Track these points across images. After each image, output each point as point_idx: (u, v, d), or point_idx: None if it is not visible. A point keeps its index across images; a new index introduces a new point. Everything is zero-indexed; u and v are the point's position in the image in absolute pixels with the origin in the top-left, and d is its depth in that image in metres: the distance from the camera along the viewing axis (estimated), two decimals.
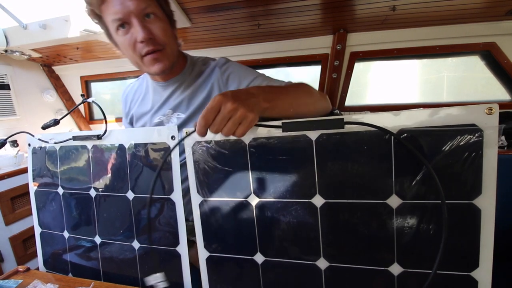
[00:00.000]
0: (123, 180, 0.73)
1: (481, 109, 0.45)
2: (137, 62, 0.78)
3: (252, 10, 1.44)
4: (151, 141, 0.69)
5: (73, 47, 1.97)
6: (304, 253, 0.58)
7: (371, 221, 0.52)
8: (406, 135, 0.49)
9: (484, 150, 0.46)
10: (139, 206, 0.72)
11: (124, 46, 0.76)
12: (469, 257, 0.48)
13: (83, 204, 0.79)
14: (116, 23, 0.71)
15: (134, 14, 0.70)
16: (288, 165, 0.57)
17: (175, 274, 0.69)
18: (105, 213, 0.77)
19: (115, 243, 0.76)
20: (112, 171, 0.75)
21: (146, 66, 0.77)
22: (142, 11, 0.70)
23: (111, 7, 0.70)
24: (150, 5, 0.72)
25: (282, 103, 0.60)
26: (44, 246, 0.88)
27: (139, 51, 0.74)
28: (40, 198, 0.87)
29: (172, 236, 0.69)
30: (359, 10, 1.48)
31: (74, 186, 0.80)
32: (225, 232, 0.63)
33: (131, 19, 0.70)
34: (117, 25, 0.72)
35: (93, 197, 0.77)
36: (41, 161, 0.85)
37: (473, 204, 0.47)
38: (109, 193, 0.75)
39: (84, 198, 0.78)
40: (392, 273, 0.52)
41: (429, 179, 0.48)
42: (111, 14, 0.71)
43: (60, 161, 0.81)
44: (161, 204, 0.69)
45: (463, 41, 1.68)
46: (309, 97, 0.70)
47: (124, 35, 0.73)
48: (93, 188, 0.77)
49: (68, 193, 0.81)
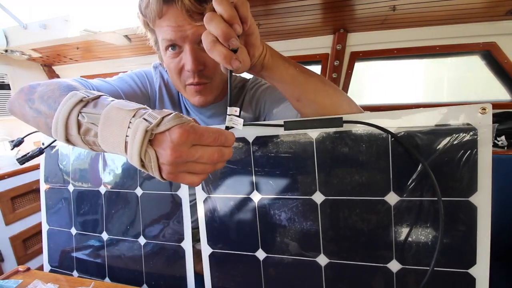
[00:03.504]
0: (132, 178, 0.75)
1: (475, 109, 0.47)
2: (178, 86, 0.73)
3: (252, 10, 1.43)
4: None
5: (73, 47, 1.98)
6: (305, 249, 0.59)
7: (370, 218, 0.53)
8: (403, 134, 0.50)
9: (479, 148, 0.47)
10: (147, 203, 0.74)
11: (169, 68, 0.70)
12: (466, 254, 0.49)
13: (93, 201, 0.81)
14: (168, 43, 0.65)
15: (189, 40, 0.63)
16: (290, 163, 0.58)
17: (179, 270, 0.71)
18: (114, 210, 0.78)
19: (122, 240, 0.78)
20: (122, 169, 0.77)
21: (188, 95, 0.73)
22: (198, 37, 0.62)
23: (166, 25, 0.63)
24: None
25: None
26: (50, 244, 0.89)
27: (184, 79, 0.69)
28: (51, 196, 0.88)
29: (177, 232, 0.71)
30: (359, 10, 1.48)
31: (84, 183, 0.82)
32: (228, 228, 0.65)
33: (184, 44, 0.64)
34: (168, 45, 0.66)
35: (103, 194, 0.79)
36: (53, 160, 0.87)
37: (469, 202, 0.48)
38: (118, 190, 0.77)
39: (94, 195, 0.81)
40: (391, 270, 0.53)
41: (425, 176, 0.49)
42: (163, 33, 0.64)
43: (71, 159, 0.84)
44: (169, 201, 0.71)
45: (463, 41, 1.68)
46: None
47: (172, 58, 0.67)
48: (103, 185, 0.79)
49: (78, 190, 0.83)
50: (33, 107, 0.50)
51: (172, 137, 0.35)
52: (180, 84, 0.71)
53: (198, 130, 0.37)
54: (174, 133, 0.35)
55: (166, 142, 0.36)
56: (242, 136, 0.62)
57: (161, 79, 0.84)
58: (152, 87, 0.83)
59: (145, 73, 0.84)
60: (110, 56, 2.26)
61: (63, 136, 0.42)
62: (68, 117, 0.41)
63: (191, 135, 0.36)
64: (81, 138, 0.41)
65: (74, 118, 0.41)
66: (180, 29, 0.62)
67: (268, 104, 0.77)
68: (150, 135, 0.36)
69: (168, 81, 0.84)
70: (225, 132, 0.40)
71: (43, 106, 0.47)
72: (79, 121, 0.41)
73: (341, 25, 1.69)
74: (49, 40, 1.78)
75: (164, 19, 0.63)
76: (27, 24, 1.75)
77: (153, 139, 0.37)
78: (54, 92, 0.48)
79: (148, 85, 0.83)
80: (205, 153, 0.37)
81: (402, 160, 0.51)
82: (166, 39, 0.64)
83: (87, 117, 0.40)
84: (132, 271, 0.76)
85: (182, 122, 0.37)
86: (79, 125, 0.41)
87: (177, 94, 0.86)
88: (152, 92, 0.83)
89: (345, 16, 1.56)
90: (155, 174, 0.38)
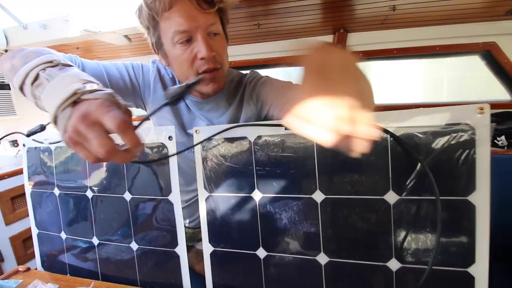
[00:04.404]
0: (120, 181, 0.73)
1: (473, 109, 0.47)
2: (188, 78, 0.71)
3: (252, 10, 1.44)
4: (149, 142, 0.69)
5: (73, 47, 1.98)
6: (305, 248, 0.59)
7: (369, 216, 0.54)
8: (402, 133, 0.51)
9: (477, 148, 0.47)
10: (136, 207, 0.72)
11: (179, 60, 0.70)
12: (465, 253, 0.49)
13: (80, 205, 0.79)
14: (179, 35, 0.65)
15: (201, 28, 0.65)
16: (290, 162, 0.59)
17: (174, 276, 0.69)
18: (102, 214, 0.76)
19: (112, 244, 0.76)
20: (109, 172, 0.74)
21: (201, 85, 0.72)
22: (209, 27, 0.66)
23: (176, 17, 0.64)
24: (216, 22, 0.69)
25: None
26: (41, 247, 0.87)
27: (197, 67, 0.69)
28: (36, 199, 0.86)
29: (170, 237, 0.69)
30: (359, 10, 1.48)
31: (70, 187, 0.80)
32: (229, 227, 0.65)
33: (197, 33, 0.65)
34: (179, 37, 0.66)
35: (90, 198, 0.77)
36: (36, 162, 0.84)
37: (467, 200, 0.48)
38: (106, 194, 0.75)
39: (81, 199, 0.78)
40: (391, 269, 0.53)
41: (424, 176, 0.50)
42: (174, 25, 0.65)
43: (55, 161, 0.81)
44: (159, 206, 0.70)
45: (463, 41, 1.68)
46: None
47: (183, 50, 0.67)
48: (90, 188, 0.77)
49: (64, 193, 0.81)
50: (13, 62, 0.54)
51: (86, 105, 0.37)
52: (192, 74, 0.70)
53: (107, 111, 0.36)
54: (90, 103, 0.37)
55: (81, 108, 0.38)
56: (243, 135, 0.62)
57: (157, 72, 0.84)
58: (145, 79, 0.84)
59: (142, 65, 0.86)
60: (110, 56, 2.26)
61: (19, 83, 0.48)
62: (32, 69, 0.47)
63: (97, 110, 0.36)
64: (31, 90, 0.46)
65: (36, 71, 0.46)
66: (193, 19, 0.63)
67: (269, 96, 0.77)
68: (77, 98, 0.39)
69: (164, 75, 0.84)
70: (130, 137, 0.37)
71: (20, 61, 0.52)
72: (38, 74, 0.46)
73: (341, 25, 1.69)
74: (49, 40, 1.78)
75: (173, 11, 0.64)
76: (27, 24, 1.75)
77: (77, 102, 0.39)
78: (37, 54, 0.52)
79: (141, 76, 0.83)
80: (97, 140, 0.36)
81: (401, 159, 0.51)
82: (178, 30, 0.65)
83: (46, 73, 0.45)
84: (126, 277, 0.75)
85: (108, 98, 0.38)
86: (37, 78, 0.46)
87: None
88: (144, 84, 0.83)
89: (345, 16, 1.57)
90: (60, 133, 0.40)
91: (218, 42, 0.70)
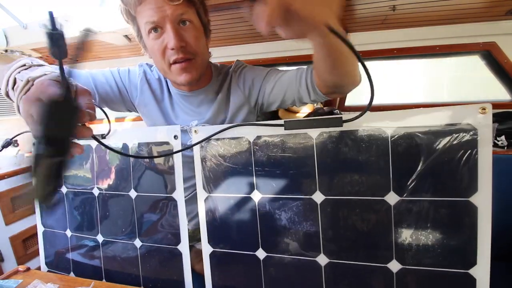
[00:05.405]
0: (126, 179, 0.74)
1: (475, 109, 0.47)
2: (164, 69, 0.76)
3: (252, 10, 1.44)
4: (154, 141, 0.70)
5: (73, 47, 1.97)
6: (305, 249, 0.59)
7: (369, 217, 0.54)
8: (403, 134, 0.50)
9: (479, 148, 0.47)
10: (141, 205, 0.73)
11: (153, 51, 0.74)
12: (467, 255, 0.49)
13: (86, 203, 0.80)
14: (149, 25, 0.69)
15: (169, 19, 0.67)
16: (290, 163, 0.58)
17: (176, 273, 0.70)
18: (108, 212, 0.77)
19: (117, 241, 0.77)
20: (116, 170, 0.76)
21: (173, 74, 0.75)
22: (178, 17, 0.68)
23: (146, 10, 0.68)
24: (187, 11, 0.70)
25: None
26: (46, 245, 0.89)
27: (168, 58, 0.72)
28: None
29: (173, 235, 0.70)
30: (359, 10, 1.48)
31: (77, 185, 0.81)
32: (229, 227, 0.65)
33: (165, 24, 0.68)
34: (150, 28, 0.70)
35: (96, 196, 0.78)
36: None
37: (469, 202, 0.48)
38: (112, 192, 0.76)
39: (87, 197, 0.79)
40: (391, 270, 0.53)
41: (425, 177, 0.49)
42: (145, 17, 0.69)
43: None
44: (163, 203, 0.70)
45: (463, 41, 1.68)
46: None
47: (155, 39, 0.71)
48: (97, 187, 0.78)
49: (72, 192, 0.82)
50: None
51: (32, 88, 0.43)
52: (165, 65, 0.74)
53: (46, 89, 0.42)
54: (35, 85, 0.43)
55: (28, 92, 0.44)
56: (242, 135, 0.62)
57: (143, 75, 0.89)
58: (132, 81, 0.88)
59: (129, 69, 0.92)
60: (110, 56, 2.25)
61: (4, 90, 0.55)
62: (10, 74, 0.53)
63: (38, 89, 0.42)
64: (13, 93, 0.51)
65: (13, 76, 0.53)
66: (160, 10, 0.67)
67: (257, 80, 0.82)
68: (30, 85, 0.44)
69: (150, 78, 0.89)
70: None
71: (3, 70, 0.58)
72: (15, 78, 0.52)
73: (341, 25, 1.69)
74: None
75: (144, 4, 0.68)
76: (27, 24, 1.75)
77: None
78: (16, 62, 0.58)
79: (128, 79, 0.89)
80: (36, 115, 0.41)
81: (402, 160, 0.51)
82: (148, 21, 0.69)
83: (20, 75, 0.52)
84: (129, 274, 0.75)
85: (51, 78, 0.44)
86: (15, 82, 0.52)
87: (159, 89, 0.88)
88: (131, 86, 0.88)
89: (345, 16, 1.56)
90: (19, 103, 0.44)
91: (190, 31, 0.72)
